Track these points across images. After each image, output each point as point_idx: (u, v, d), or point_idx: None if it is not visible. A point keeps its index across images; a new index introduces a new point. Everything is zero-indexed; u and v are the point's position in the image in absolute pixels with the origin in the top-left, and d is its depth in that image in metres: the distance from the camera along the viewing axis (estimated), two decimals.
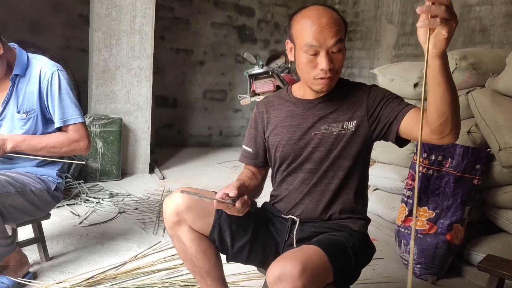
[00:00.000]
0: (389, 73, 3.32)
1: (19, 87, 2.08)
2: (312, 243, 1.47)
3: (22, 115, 2.09)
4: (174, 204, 1.57)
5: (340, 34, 1.49)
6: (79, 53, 5.14)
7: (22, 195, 2.03)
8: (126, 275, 2.28)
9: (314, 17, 1.49)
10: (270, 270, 1.34)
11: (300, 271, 1.29)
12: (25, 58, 2.11)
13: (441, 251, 2.45)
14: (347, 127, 1.56)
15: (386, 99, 1.54)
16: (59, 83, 2.10)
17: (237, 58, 6.19)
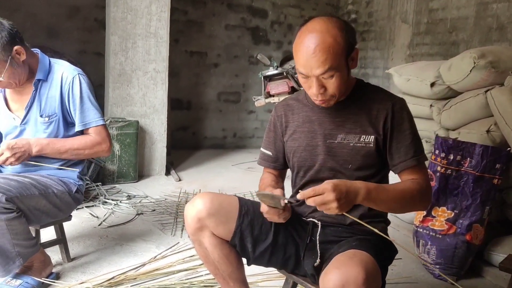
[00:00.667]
0: (405, 73, 3.31)
1: (41, 91, 2.13)
2: (357, 247, 1.45)
3: (44, 119, 2.13)
4: (196, 209, 1.58)
5: (328, 63, 1.42)
6: (95, 57, 5.21)
7: (45, 197, 2.07)
8: (146, 275, 2.30)
9: (304, 43, 1.46)
10: (329, 277, 1.30)
11: (364, 278, 1.27)
12: (47, 63, 2.16)
13: (460, 252, 2.44)
14: (364, 140, 1.55)
15: (402, 138, 1.54)
16: (80, 87, 2.14)
17: (251, 59, 6.21)
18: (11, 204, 1.89)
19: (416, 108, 3.15)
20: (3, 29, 1.94)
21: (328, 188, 1.32)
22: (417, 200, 1.55)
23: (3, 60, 1.95)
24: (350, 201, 1.37)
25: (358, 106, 1.58)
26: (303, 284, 1.73)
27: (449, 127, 2.96)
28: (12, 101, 2.18)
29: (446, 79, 2.91)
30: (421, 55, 5.12)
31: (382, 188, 1.47)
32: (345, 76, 1.49)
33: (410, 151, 1.54)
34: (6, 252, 1.93)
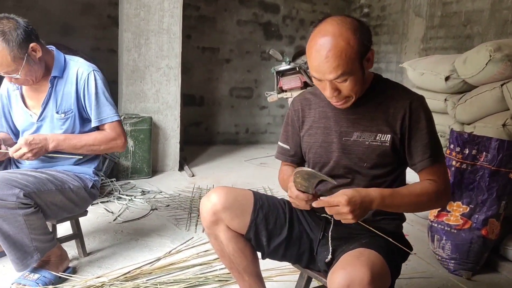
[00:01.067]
0: (419, 67, 3.28)
1: (57, 88, 2.15)
2: (366, 245, 1.45)
3: (60, 115, 2.15)
4: (211, 203, 1.60)
5: (341, 69, 1.39)
6: (109, 53, 5.24)
7: (62, 192, 2.10)
8: (161, 270, 2.32)
9: (316, 47, 1.41)
10: (335, 276, 1.30)
11: (369, 278, 1.27)
12: (62, 60, 2.18)
13: (476, 246, 2.42)
14: (380, 139, 1.53)
15: (420, 137, 1.52)
16: (95, 83, 2.16)
17: (263, 55, 6.21)
18: (29, 199, 1.92)
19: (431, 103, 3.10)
20: (19, 27, 1.97)
21: (342, 202, 1.35)
22: (433, 202, 1.56)
23: (20, 58, 1.97)
24: (364, 210, 1.40)
25: (375, 104, 1.55)
26: (317, 279, 1.73)
27: (464, 121, 2.93)
28: (28, 98, 2.21)
29: (461, 72, 2.88)
30: (435, 49, 5.06)
31: (397, 194, 1.48)
32: (360, 78, 1.46)
33: (428, 151, 1.52)
34: (24, 247, 1.97)
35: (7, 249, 1.96)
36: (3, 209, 1.86)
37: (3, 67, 1.97)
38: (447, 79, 2.99)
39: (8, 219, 1.89)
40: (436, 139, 1.56)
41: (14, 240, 1.94)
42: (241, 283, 1.74)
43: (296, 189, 1.47)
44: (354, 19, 1.47)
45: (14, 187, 1.88)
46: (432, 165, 1.53)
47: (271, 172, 4.57)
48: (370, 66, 1.50)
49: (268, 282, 2.23)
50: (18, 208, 1.89)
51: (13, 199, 1.87)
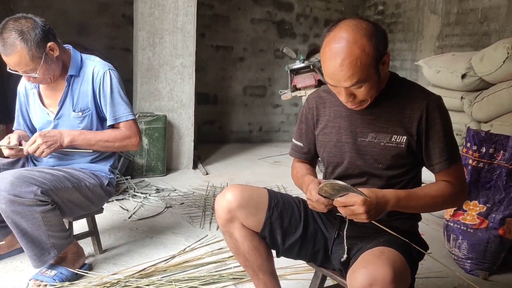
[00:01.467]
0: (435, 65, 3.25)
1: (74, 87, 2.18)
2: (385, 244, 1.44)
3: (78, 114, 2.18)
4: (226, 201, 1.60)
5: (356, 78, 1.37)
6: (123, 52, 5.28)
7: (78, 190, 2.12)
8: (176, 267, 2.34)
9: (330, 54, 1.38)
10: (356, 275, 1.30)
11: (392, 277, 1.26)
12: (79, 58, 2.20)
13: (493, 246, 2.39)
14: (396, 140, 1.51)
15: (437, 139, 1.50)
16: (110, 82, 2.18)
17: (276, 53, 6.20)
18: (46, 196, 1.94)
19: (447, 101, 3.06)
20: (37, 26, 1.99)
21: (358, 202, 1.36)
22: (449, 203, 1.56)
23: (38, 57, 1.99)
24: (379, 210, 1.41)
25: (391, 104, 1.53)
26: (332, 277, 1.73)
27: (481, 119, 2.90)
28: (45, 96, 2.24)
29: (478, 70, 2.85)
30: (450, 47, 5.01)
31: (413, 195, 1.47)
32: (375, 82, 1.44)
33: (445, 153, 1.50)
34: (41, 243, 1.99)
35: (25, 245, 1.99)
36: (21, 206, 1.89)
37: (22, 66, 1.99)
38: (463, 76, 2.96)
39: (26, 216, 1.91)
40: (452, 141, 1.54)
41: (32, 237, 1.97)
42: (256, 281, 1.74)
43: (318, 193, 1.47)
44: (370, 22, 1.43)
45: (32, 185, 1.91)
46: (448, 167, 1.51)
47: (284, 170, 4.57)
48: (386, 69, 1.47)
49: (283, 280, 2.23)
50: (35, 205, 1.91)
51: (30, 196, 1.89)
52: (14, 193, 1.87)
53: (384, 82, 1.54)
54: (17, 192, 1.87)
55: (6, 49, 1.94)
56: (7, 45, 1.94)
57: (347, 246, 1.59)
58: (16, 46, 1.93)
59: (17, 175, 1.92)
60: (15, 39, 1.93)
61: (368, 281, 1.26)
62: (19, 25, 1.96)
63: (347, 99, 1.45)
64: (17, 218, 1.91)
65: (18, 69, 2.00)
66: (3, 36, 1.94)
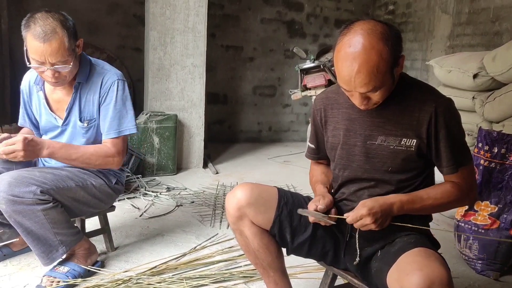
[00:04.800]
0: (446, 65, 3.24)
1: (81, 94, 2.14)
2: (420, 245, 1.44)
3: (84, 124, 2.15)
4: (236, 199, 1.62)
5: (372, 85, 1.36)
6: (134, 52, 5.32)
7: (83, 189, 2.11)
8: (187, 265, 2.35)
9: (346, 60, 1.36)
10: (412, 278, 1.27)
11: (448, 278, 1.27)
12: (88, 64, 2.15)
13: (504, 247, 2.38)
14: (405, 144, 1.50)
15: (446, 142, 1.49)
16: (116, 93, 2.13)
17: (286, 53, 6.20)
18: (46, 195, 1.94)
19: (458, 101, 3.08)
20: (69, 19, 1.97)
21: (364, 214, 1.43)
22: (455, 203, 1.58)
23: (72, 49, 1.95)
24: (386, 217, 1.47)
25: (401, 106, 1.51)
26: (343, 276, 1.74)
27: (492, 119, 2.89)
28: (52, 101, 2.18)
29: (490, 70, 2.83)
30: (461, 46, 4.98)
31: (417, 198, 1.50)
32: (390, 85, 1.43)
33: (453, 157, 1.50)
34: (48, 241, 2.00)
35: (31, 244, 1.99)
36: (21, 206, 1.89)
37: (58, 55, 1.91)
38: (475, 76, 2.94)
39: (28, 215, 1.92)
40: (462, 144, 1.54)
41: (38, 235, 1.97)
42: (266, 279, 1.75)
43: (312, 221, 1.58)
44: (385, 24, 1.40)
45: (31, 185, 1.91)
46: (456, 171, 1.52)
47: (294, 170, 4.58)
48: (400, 71, 1.46)
49: (293, 279, 2.23)
50: (36, 204, 1.91)
51: (29, 196, 1.89)
52: (12, 193, 1.87)
53: (396, 81, 1.51)
54: (15, 192, 1.87)
55: (47, 34, 1.87)
56: (48, 31, 1.87)
57: (359, 248, 1.59)
58: (57, 32, 1.89)
59: (15, 176, 1.91)
60: (56, 26, 1.89)
61: (426, 283, 1.24)
62: (55, 14, 1.92)
63: (361, 102, 1.44)
64: (19, 218, 1.92)
65: (53, 58, 1.90)
66: (40, 23, 1.88)
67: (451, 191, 1.52)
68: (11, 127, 3.60)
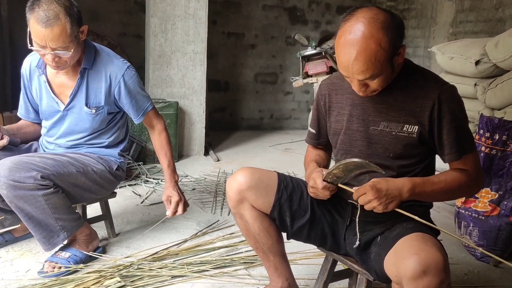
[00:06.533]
0: (448, 51, 3.22)
1: (87, 80, 2.13)
2: (418, 230, 1.44)
3: (91, 110, 2.15)
4: (237, 183, 1.64)
5: (370, 73, 1.37)
6: (135, 39, 5.30)
7: (84, 174, 2.12)
8: (188, 251, 2.37)
9: (345, 47, 1.37)
10: (407, 262, 1.28)
11: (444, 263, 1.27)
12: (92, 51, 2.15)
13: (504, 234, 2.38)
14: (407, 130, 1.50)
15: (449, 130, 1.48)
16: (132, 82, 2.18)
17: (288, 40, 6.16)
18: (47, 181, 1.95)
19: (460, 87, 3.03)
20: (74, 5, 1.95)
21: (367, 188, 1.39)
22: (464, 190, 1.57)
23: (74, 36, 1.95)
24: (393, 198, 1.41)
25: (404, 93, 1.51)
26: (342, 262, 1.74)
27: (494, 106, 2.88)
28: (55, 85, 2.18)
29: (493, 56, 2.82)
30: (464, 33, 4.94)
31: (428, 182, 1.48)
32: (389, 74, 1.44)
33: (456, 144, 1.49)
34: (49, 226, 2.01)
35: (32, 229, 2.01)
36: (22, 191, 1.90)
37: (59, 41, 1.90)
38: (477, 63, 2.93)
39: (29, 200, 1.93)
40: (465, 131, 1.53)
41: (39, 220, 1.99)
42: (266, 263, 1.77)
43: (323, 179, 1.50)
44: (387, 13, 1.40)
45: (32, 170, 1.91)
46: (459, 158, 1.51)
47: (295, 157, 4.57)
48: (400, 60, 1.46)
49: (294, 265, 2.24)
50: (37, 189, 1.92)
51: (30, 181, 1.90)
52: (13, 178, 1.88)
53: (397, 71, 1.51)
54: (16, 178, 1.88)
55: (49, 19, 1.85)
56: (50, 16, 1.86)
57: (359, 232, 1.60)
58: (60, 18, 1.87)
59: (16, 161, 1.92)
60: (59, 12, 1.88)
61: (422, 267, 1.25)
62: (59, 1, 1.90)
63: (360, 89, 1.46)
64: (20, 203, 1.93)
65: (54, 44, 1.90)
66: (44, 7, 1.86)
67: (460, 177, 1.51)
68: (12, 114, 3.60)
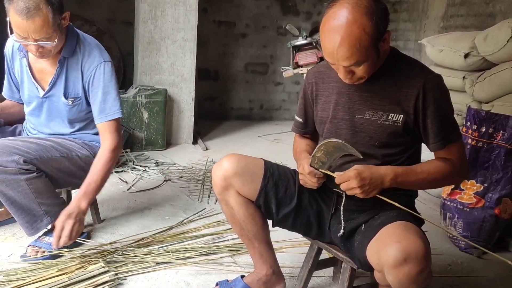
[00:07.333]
0: (438, 43, 3.22)
1: (66, 69, 2.08)
2: (401, 219, 1.44)
3: (68, 101, 2.11)
4: (223, 169, 1.63)
5: (355, 59, 1.36)
6: (125, 25, 5.24)
7: (68, 159, 2.09)
8: (174, 238, 2.36)
9: (329, 33, 1.37)
10: (389, 250, 1.29)
11: (425, 251, 1.28)
12: (74, 38, 2.09)
13: (488, 225, 2.41)
14: (392, 119, 1.50)
15: (434, 118, 1.48)
16: (103, 76, 2.09)
17: (279, 30, 6.13)
18: (30, 165, 1.92)
19: (448, 80, 3.06)
20: None
21: (351, 176, 1.41)
22: (448, 180, 1.58)
23: (57, 24, 1.90)
24: (376, 186, 1.43)
25: (390, 81, 1.51)
26: (327, 250, 1.75)
27: (482, 99, 2.89)
28: (36, 70, 2.13)
29: (482, 49, 2.82)
30: (455, 27, 4.95)
31: (411, 171, 1.48)
32: (375, 60, 1.43)
33: (440, 133, 1.50)
34: (32, 211, 1.99)
35: (15, 213, 1.99)
36: (3, 175, 1.87)
37: (42, 32, 1.85)
38: (466, 56, 2.93)
39: (11, 185, 1.90)
40: (450, 120, 1.54)
41: (21, 205, 1.97)
42: (251, 250, 1.76)
43: (310, 165, 1.50)
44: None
45: (14, 154, 1.89)
46: (443, 147, 1.52)
47: (284, 148, 4.57)
48: (386, 46, 1.46)
49: (279, 253, 2.24)
50: (19, 173, 1.89)
51: (12, 165, 1.87)
52: None
53: (383, 58, 1.51)
54: None
55: (30, 11, 1.80)
56: (31, 7, 1.80)
57: (344, 220, 1.60)
58: (41, 8, 1.82)
59: None
60: (40, 2, 1.82)
61: (402, 255, 1.26)
62: None
63: (346, 76, 1.45)
64: (2, 187, 1.90)
65: (37, 35, 1.85)
66: None
67: (444, 166, 1.52)
68: None
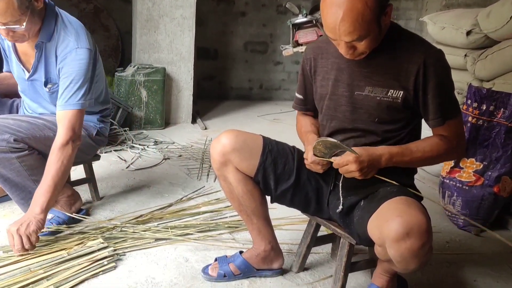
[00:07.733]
0: (440, 21, 3.18)
1: (44, 54, 2.00)
2: (401, 194, 1.45)
3: (46, 89, 2.05)
4: (221, 145, 1.63)
5: (357, 34, 1.34)
6: (122, 3, 5.16)
7: None
8: (172, 215, 2.37)
9: (331, 8, 1.35)
10: (391, 225, 1.30)
11: (427, 226, 1.29)
12: (53, 21, 1.96)
13: (486, 203, 2.41)
14: (391, 95, 1.49)
15: (434, 94, 1.47)
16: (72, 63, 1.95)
17: (279, 9, 6.05)
18: (21, 144, 1.90)
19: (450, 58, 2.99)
20: None
21: (350, 160, 1.43)
22: (443, 157, 1.59)
23: (25, 6, 1.79)
24: (373, 168, 1.47)
25: (390, 56, 1.49)
26: (326, 226, 1.75)
27: (483, 77, 2.86)
28: (20, 51, 2.06)
29: (484, 26, 2.79)
30: (457, 6, 4.90)
31: (406, 150, 1.50)
32: (377, 35, 1.41)
33: (440, 109, 1.49)
34: (27, 188, 1.99)
35: (9, 191, 1.99)
36: None
37: (7, 16, 1.75)
38: (468, 33, 2.90)
39: (3, 163, 1.89)
40: (451, 96, 1.53)
41: (15, 182, 1.96)
42: (250, 226, 1.77)
43: (313, 154, 1.52)
44: None
45: (5, 133, 1.87)
46: (443, 124, 1.51)
47: (284, 127, 4.56)
48: (387, 20, 1.44)
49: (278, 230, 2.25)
50: (10, 151, 1.88)
51: (3, 144, 1.86)
52: None
53: (384, 32, 1.49)
54: None
55: None
56: None
57: (343, 196, 1.60)
58: None
59: None
60: None
61: (405, 230, 1.27)
62: None
63: (347, 51, 1.43)
64: None
65: (2, 19, 1.75)
66: None
67: (439, 143, 1.52)
68: None
